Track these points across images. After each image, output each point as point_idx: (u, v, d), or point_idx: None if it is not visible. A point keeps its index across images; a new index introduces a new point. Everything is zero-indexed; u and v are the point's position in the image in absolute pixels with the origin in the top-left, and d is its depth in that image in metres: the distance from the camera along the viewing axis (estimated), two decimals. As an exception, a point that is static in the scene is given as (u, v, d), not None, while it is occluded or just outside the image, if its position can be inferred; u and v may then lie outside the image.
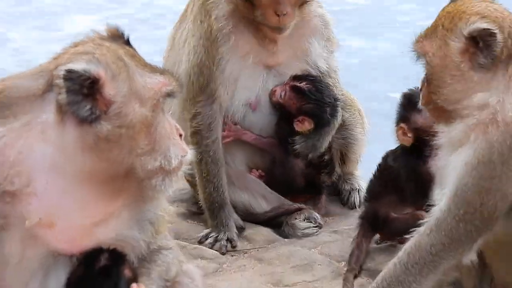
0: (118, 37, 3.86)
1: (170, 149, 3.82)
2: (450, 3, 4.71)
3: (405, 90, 5.29)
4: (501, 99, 4.39)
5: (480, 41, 4.40)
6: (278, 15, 5.44)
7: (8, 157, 3.70)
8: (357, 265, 5.43)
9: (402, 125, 5.12)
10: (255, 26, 5.65)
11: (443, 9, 4.71)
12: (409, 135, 5.12)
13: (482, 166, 4.52)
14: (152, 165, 3.76)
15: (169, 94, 3.84)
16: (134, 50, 3.91)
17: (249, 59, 5.65)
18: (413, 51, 4.66)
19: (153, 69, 3.88)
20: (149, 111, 3.74)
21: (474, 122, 4.46)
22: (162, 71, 3.90)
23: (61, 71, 3.50)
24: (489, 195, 4.57)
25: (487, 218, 4.61)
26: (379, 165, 5.53)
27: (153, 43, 11.40)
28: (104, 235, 3.94)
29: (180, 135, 3.90)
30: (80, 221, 3.86)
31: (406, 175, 5.21)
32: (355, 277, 5.40)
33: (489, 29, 4.39)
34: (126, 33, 3.89)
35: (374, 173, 5.57)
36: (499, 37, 4.38)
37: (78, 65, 3.54)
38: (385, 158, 5.47)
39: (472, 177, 4.52)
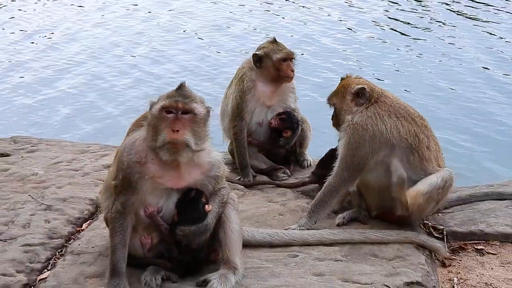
0: None
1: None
2: (341, 81, 6.24)
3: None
4: (354, 117, 5.99)
5: (360, 94, 6.04)
6: (291, 71, 7.19)
7: (140, 145, 5.00)
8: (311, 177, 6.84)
9: None
10: (262, 85, 7.25)
11: (339, 84, 6.22)
12: None
13: (348, 145, 5.99)
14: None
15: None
16: None
17: (259, 101, 7.32)
18: (327, 103, 6.27)
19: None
20: None
21: (344, 126, 6.05)
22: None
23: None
24: (354, 158, 5.95)
25: (357, 170, 6.00)
26: (331, 150, 6.65)
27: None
28: (191, 182, 5.10)
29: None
30: (172, 176, 5.03)
31: None
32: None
33: (364, 87, 6.05)
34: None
35: (325, 155, 6.85)
36: (366, 92, 6.02)
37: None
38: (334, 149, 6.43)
39: (346, 150, 6.01)
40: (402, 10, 20.48)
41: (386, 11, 20.41)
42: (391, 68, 16.36)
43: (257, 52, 7.25)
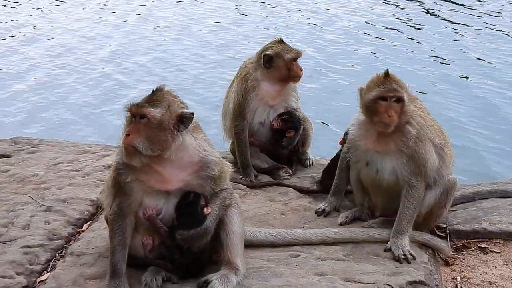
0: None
1: None
2: (389, 75, 5.70)
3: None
4: (411, 128, 5.73)
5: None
6: (301, 70, 7.24)
7: None
8: (319, 187, 6.86)
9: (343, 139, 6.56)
10: (266, 85, 7.28)
11: (399, 79, 5.75)
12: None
13: (414, 158, 5.74)
14: None
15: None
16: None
17: (262, 100, 7.34)
18: (399, 95, 5.62)
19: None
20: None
21: (406, 140, 5.73)
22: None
23: None
24: (422, 168, 5.73)
25: (426, 177, 5.79)
26: (335, 156, 6.70)
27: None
28: (181, 184, 5.07)
29: None
30: (156, 177, 5.00)
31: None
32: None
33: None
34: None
35: (330, 160, 6.88)
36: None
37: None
38: (337, 155, 6.57)
39: (414, 163, 5.76)
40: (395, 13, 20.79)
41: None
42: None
43: (268, 52, 7.24)
